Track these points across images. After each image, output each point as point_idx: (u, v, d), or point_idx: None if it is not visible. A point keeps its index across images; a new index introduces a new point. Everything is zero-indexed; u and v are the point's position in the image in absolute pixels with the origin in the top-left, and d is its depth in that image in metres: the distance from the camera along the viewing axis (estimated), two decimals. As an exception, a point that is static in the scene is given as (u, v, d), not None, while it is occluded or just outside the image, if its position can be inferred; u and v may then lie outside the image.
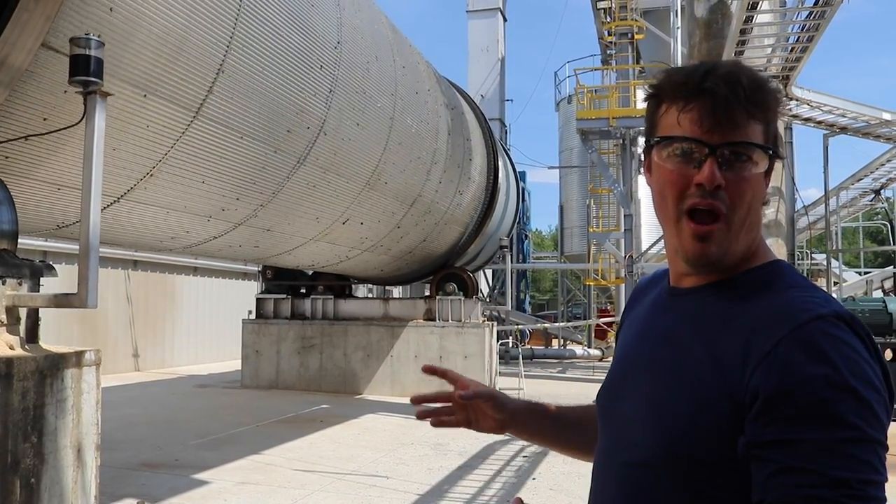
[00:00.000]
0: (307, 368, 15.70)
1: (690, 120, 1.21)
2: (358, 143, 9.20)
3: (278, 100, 7.27)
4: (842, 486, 1.00)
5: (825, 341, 1.08)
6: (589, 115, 20.06)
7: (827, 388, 1.04)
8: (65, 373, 4.27)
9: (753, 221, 1.25)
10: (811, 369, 1.06)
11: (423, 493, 7.41)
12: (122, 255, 18.22)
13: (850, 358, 1.06)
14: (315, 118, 8.01)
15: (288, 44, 7.20)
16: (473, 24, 29.81)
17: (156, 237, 7.76)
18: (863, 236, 27.08)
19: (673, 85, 1.26)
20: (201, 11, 5.85)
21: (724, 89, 1.19)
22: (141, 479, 7.77)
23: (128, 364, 19.04)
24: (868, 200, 20.87)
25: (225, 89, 6.40)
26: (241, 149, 7.09)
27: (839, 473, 1.00)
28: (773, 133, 1.25)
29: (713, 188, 1.19)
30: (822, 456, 1.01)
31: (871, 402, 1.05)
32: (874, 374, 1.07)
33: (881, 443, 1.04)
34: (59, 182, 5.58)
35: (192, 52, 5.89)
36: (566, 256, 30.13)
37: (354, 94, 8.80)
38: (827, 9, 9.13)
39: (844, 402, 1.03)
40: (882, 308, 12.53)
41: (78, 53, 4.22)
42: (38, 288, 4.57)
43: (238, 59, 6.44)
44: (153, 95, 5.67)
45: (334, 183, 9.13)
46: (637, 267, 19.45)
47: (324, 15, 7.98)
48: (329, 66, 8.08)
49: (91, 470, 4.50)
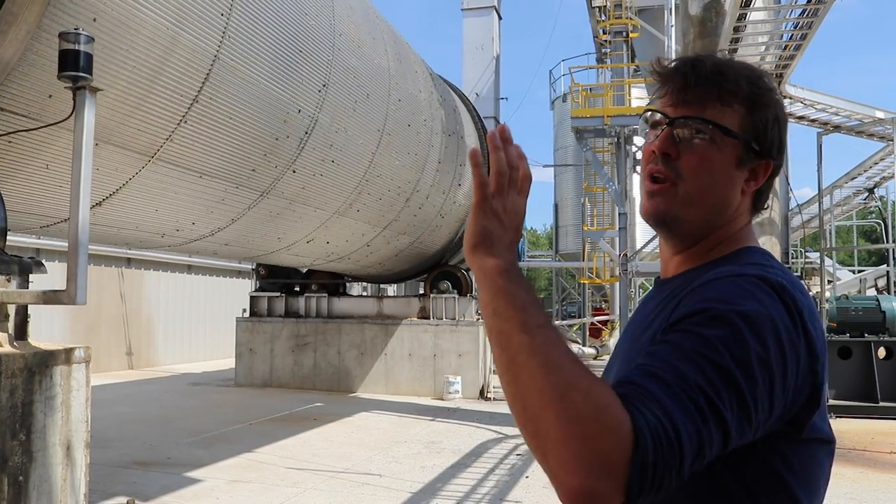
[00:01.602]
0: (301, 366, 15.67)
1: (662, 97, 1.33)
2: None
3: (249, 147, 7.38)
4: (683, 380, 1.02)
5: (732, 287, 1.14)
6: (584, 114, 20.04)
7: (715, 318, 1.09)
8: (54, 370, 4.25)
9: (715, 202, 1.30)
10: (711, 297, 1.13)
11: (415, 492, 7.39)
12: (116, 252, 18.17)
13: (751, 309, 1.09)
14: (286, 160, 8.07)
15: (266, 93, 7.21)
16: (468, 21, 29.77)
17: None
18: (856, 235, 27.12)
19: (661, 70, 1.36)
20: (169, 68, 5.87)
21: (688, 68, 1.30)
22: (132, 478, 7.74)
23: (121, 362, 18.98)
24: (862, 199, 20.92)
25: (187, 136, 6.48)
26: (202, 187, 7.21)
27: (689, 372, 1.03)
28: (757, 125, 1.29)
29: (661, 155, 1.30)
30: (678, 353, 1.06)
31: (749, 349, 1.06)
32: (771, 332, 1.09)
33: (738, 386, 1.03)
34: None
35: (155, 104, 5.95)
36: (561, 255, 30.16)
37: (335, 134, 8.77)
38: (820, 7, 9.14)
39: (722, 331, 1.07)
40: (875, 306, 12.55)
41: (67, 48, 4.19)
42: (28, 285, 4.54)
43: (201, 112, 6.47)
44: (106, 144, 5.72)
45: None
46: (632, 265, 19.46)
47: (312, 61, 7.92)
48: (310, 109, 8.07)
49: (81, 468, 4.48)
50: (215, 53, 6.27)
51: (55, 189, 5.70)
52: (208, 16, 6.12)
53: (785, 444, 1.17)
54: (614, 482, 0.95)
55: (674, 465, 0.98)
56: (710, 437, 1.01)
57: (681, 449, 0.98)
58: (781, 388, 1.09)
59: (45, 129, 4.96)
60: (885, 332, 12.17)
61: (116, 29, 5.16)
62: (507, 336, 1.05)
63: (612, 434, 0.96)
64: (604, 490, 0.95)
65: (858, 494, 7.23)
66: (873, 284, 20.84)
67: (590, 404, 0.97)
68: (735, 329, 1.07)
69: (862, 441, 9.74)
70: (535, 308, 1.07)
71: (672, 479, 0.99)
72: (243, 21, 6.59)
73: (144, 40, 5.47)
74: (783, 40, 10.74)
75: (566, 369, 1.00)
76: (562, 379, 0.99)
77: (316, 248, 10.91)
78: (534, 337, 1.03)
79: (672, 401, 1.01)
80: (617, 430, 0.96)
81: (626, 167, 20.64)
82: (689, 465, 1.00)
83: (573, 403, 0.97)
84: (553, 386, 0.99)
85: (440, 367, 14.80)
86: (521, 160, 1.17)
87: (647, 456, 0.96)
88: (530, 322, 1.05)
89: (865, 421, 11.05)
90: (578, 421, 0.96)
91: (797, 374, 1.11)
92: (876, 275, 21.58)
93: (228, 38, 6.39)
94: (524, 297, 1.08)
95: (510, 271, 1.10)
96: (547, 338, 1.03)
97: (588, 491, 0.95)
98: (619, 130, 20.26)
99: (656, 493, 0.99)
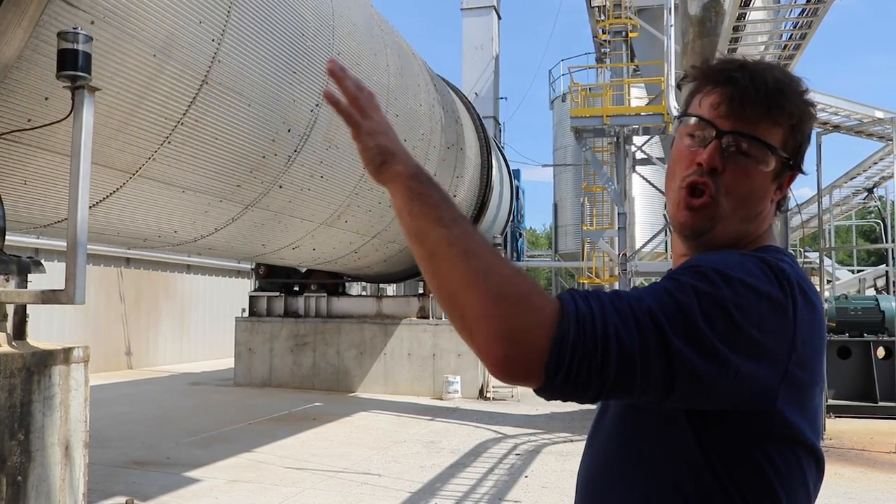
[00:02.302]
0: (300, 366, 15.67)
1: (710, 103, 1.27)
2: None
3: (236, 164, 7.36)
4: (638, 301, 1.06)
5: (728, 257, 1.16)
6: (583, 114, 20.03)
7: (697, 271, 1.11)
8: (52, 369, 4.24)
9: (748, 216, 1.27)
10: (702, 258, 1.17)
11: (415, 491, 7.39)
12: (115, 252, 18.16)
13: (738, 276, 1.10)
14: (273, 175, 8.04)
15: (256, 114, 7.15)
16: (468, 21, 29.77)
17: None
18: (856, 235, 27.12)
19: (709, 70, 1.31)
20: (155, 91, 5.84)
21: (747, 82, 1.23)
22: (131, 477, 7.73)
23: (120, 362, 18.97)
24: (861, 199, 20.91)
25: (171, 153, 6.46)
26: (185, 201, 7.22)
27: (647, 297, 1.07)
28: (795, 142, 1.27)
29: (709, 169, 1.25)
30: (647, 288, 1.10)
31: (723, 301, 1.07)
32: (754, 302, 1.09)
33: (695, 323, 1.04)
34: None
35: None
36: (560, 255, 30.14)
37: (325, 151, 8.71)
38: (819, 6, 9.13)
39: (700, 281, 1.09)
40: (874, 306, 12.56)
41: (65, 48, 4.18)
42: (26, 284, 4.53)
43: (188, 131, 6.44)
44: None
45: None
46: (631, 265, 19.44)
47: (307, 81, 7.82)
48: (300, 128, 8.02)
49: (79, 467, 4.47)
50: (204, 76, 6.17)
51: (35, 202, 5.73)
52: (200, 41, 6.00)
53: (766, 441, 1.14)
54: (533, 357, 1.00)
55: (594, 358, 1.01)
56: (647, 353, 1.01)
57: (605, 344, 1.01)
58: (747, 355, 1.07)
59: (23, 147, 4.97)
60: (884, 331, 12.17)
61: (99, 58, 5.06)
62: (425, 232, 1.10)
63: (533, 314, 1.01)
64: (524, 362, 1.01)
65: (857, 494, 7.23)
66: (872, 284, 20.84)
67: (511, 286, 1.03)
68: (712, 282, 1.08)
69: (861, 441, 9.75)
70: (449, 204, 1.12)
71: (593, 375, 1.01)
72: (236, 43, 6.47)
73: (131, 66, 5.39)
74: (783, 40, 10.74)
75: (486, 256, 1.06)
76: (482, 263, 1.05)
77: (302, 253, 10.99)
78: (451, 229, 1.08)
79: (613, 308, 1.04)
80: (538, 310, 1.02)
81: (626, 167, 20.62)
82: (613, 369, 1.01)
83: (495, 283, 1.03)
84: (475, 270, 1.04)
85: (439, 366, 14.80)
86: (359, 82, 1.24)
87: (566, 337, 1.00)
88: (445, 216, 1.09)
89: (864, 421, 11.05)
90: (501, 298, 1.02)
91: (770, 355, 1.09)
92: (875, 275, 21.59)
93: (218, 62, 6.28)
94: (437, 195, 1.13)
95: (419, 174, 1.16)
96: (464, 229, 1.09)
97: (509, 362, 1.01)
98: (618, 130, 20.23)
99: (577, 388, 1.02)
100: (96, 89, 4.37)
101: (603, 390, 1.02)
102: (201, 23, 5.98)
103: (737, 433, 1.13)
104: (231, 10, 6.34)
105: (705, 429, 1.14)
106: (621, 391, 1.03)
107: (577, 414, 12.30)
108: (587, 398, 1.04)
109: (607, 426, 1.32)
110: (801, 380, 1.13)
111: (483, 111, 22.23)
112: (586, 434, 1.47)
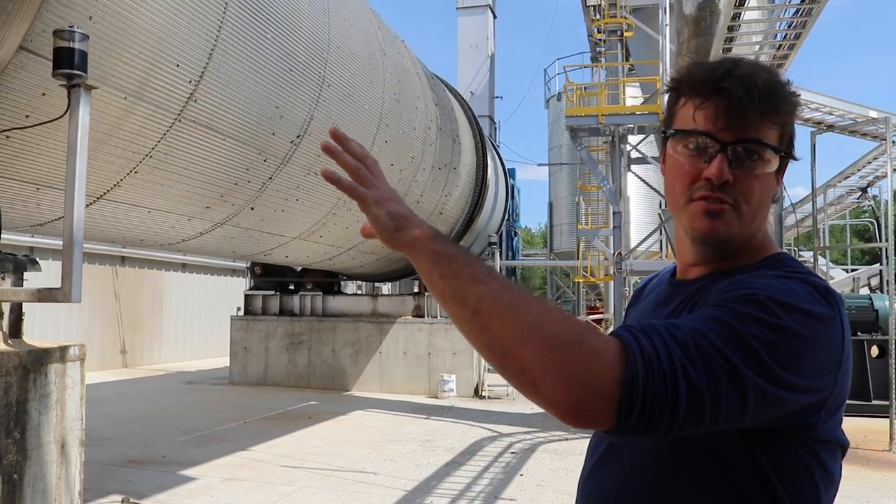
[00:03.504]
0: (295, 365, 15.67)
1: (705, 116, 1.25)
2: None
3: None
4: (699, 333, 1.05)
5: (780, 283, 1.16)
6: (578, 113, 20.04)
7: (753, 300, 1.11)
8: (48, 368, 4.25)
9: (759, 216, 1.29)
10: (755, 285, 1.15)
11: (410, 490, 7.40)
12: (110, 251, 18.13)
13: (797, 309, 1.11)
14: (245, 199, 8.04)
15: (231, 149, 7.13)
16: (463, 20, 29.79)
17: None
18: (850, 234, 27.19)
19: (693, 81, 1.29)
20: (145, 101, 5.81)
21: (740, 91, 1.22)
22: (127, 476, 7.73)
23: (115, 361, 18.94)
24: (855, 198, 20.95)
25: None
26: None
27: (707, 330, 1.06)
28: (788, 135, 1.29)
29: (720, 183, 1.24)
30: (702, 317, 1.10)
31: (783, 329, 1.08)
32: (816, 331, 1.11)
33: (758, 354, 1.05)
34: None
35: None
36: (555, 253, 30.16)
37: (303, 178, 8.68)
38: (814, 6, 9.16)
39: (758, 311, 1.09)
40: (868, 305, 12.61)
41: (62, 46, 4.18)
42: (22, 282, 4.53)
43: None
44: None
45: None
46: (626, 264, 19.47)
47: (291, 116, 7.77)
48: (277, 160, 7.98)
49: (75, 466, 4.48)
50: (179, 111, 6.10)
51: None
52: (177, 80, 5.91)
53: (812, 444, 1.19)
54: (604, 400, 0.99)
55: (665, 397, 1.00)
56: (717, 388, 1.02)
57: (675, 382, 1.00)
58: (808, 376, 1.10)
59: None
60: (878, 330, 12.22)
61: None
62: (463, 291, 1.07)
63: (597, 356, 1.01)
64: (595, 406, 1.00)
65: (851, 492, 7.27)
66: (866, 283, 20.90)
67: (567, 330, 1.02)
68: (770, 311, 1.09)
69: (854, 439, 9.79)
70: (477, 260, 1.12)
71: (665, 414, 1.01)
72: (217, 81, 6.36)
73: (102, 101, 5.32)
74: (777, 40, 10.76)
75: (533, 305, 1.04)
76: (532, 312, 1.03)
77: (275, 257, 11.12)
78: (488, 284, 1.07)
79: (675, 342, 1.04)
80: (601, 352, 1.01)
81: (621, 166, 20.63)
82: (684, 406, 1.01)
83: (550, 332, 1.01)
84: (526, 321, 1.02)
85: (435, 365, 14.81)
86: (362, 149, 1.23)
87: (636, 377, 1.00)
88: (479, 273, 1.08)
89: (858, 419, 11.10)
90: (560, 345, 1.00)
91: (825, 373, 1.13)
92: (869, 274, 21.63)
93: (196, 99, 6.19)
94: (463, 254, 1.12)
95: (437, 236, 1.14)
96: (502, 282, 1.07)
97: (580, 408, 1.00)
98: (613, 129, 20.24)
99: (649, 428, 1.01)
100: (92, 87, 4.37)
101: (674, 427, 1.03)
102: (179, 66, 5.90)
103: (785, 438, 1.17)
104: (213, 52, 6.23)
105: (755, 436, 1.17)
106: (691, 425, 1.04)
107: (572, 412, 12.30)
108: (658, 435, 1.04)
109: (635, 443, 1.31)
110: (842, 388, 1.18)
111: (478, 110, 22.24)
112: (581, 433, 1.48)
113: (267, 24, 6.93)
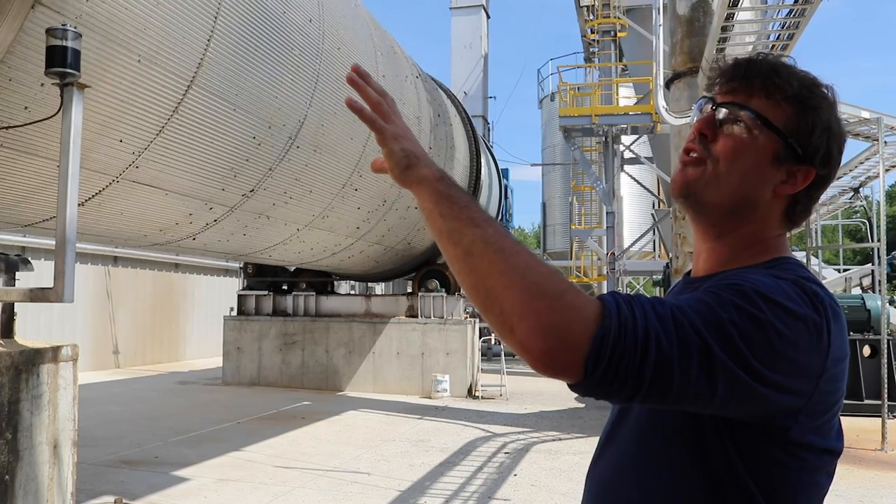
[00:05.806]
0: (289, 365, 15.64)
1: (718, 87, 1.37)
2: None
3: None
4: (680, 310, 1.07)
5: (766, 278, 1.17)
6: (571, 113, 20.11)
7: (737, 290, 1.12)
8: (41, 368, 4.23)
9: (738, 187, 1.29)
10: (741, 275, 1.19)
11: (404, 490, 7.39)
12: (103, 251, 18.06)
13: (779, 304, 1.11)
14: (224, 209, 8.05)
15: (207, 168, 7.11)
16: (457, 20, 29.82)
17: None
18: (842, 234, 27.30)
19: (724, 65, 1.38)
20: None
21: (744, 62, 1.33)
22: (120, 476, 7.70)
23: (108, 361, 18.87)
24: (847, 198, 21.03)
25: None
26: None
27: (688, 308, 1.08)
28: (805, 128, 1.27)
29: (697, 133, 1.33)
30: (685, 298, 1.12)
31: (763, 322, 1.08)
32: (791, 325, 1.11)
33: (733, 340, 1.05)
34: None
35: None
36: (549, 254, 30.17)
37: (282, 195, 8.69)
38: (807, 7, 9.18)
39: (741, 299, 1.10)
40: (860, 305, 12.66)
41: (54, 45, 4.16)
42: (14, 282, 4.51)
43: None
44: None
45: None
46: (619, 264, 19.53)
47: (272, 140, 7.73)
48: (254, 180, 7.99)
49: (68, 466, 4.46)
50: (161, 128, 6.08)
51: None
52: (161, 97, 5.90)
53: (786, 447, 1.18)
54: (574, 352, 1.02)
55: (632, 358, 1.02)
56: (687, 362, 1.03)
57: (645, 346, 1.03)
58: (783, 373, 1.09)
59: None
60: (870, 330, 12.27)
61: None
62: (459, 231, 1.12)
63: (575, 310, 1.04)
64: (564, 356, 1.03)
65: (843, 492, 7.29)
66: (858, 283, 20.97)
67: (551, 283, 1.06)
68: (753, 302, 1.10)
69: (847, 439, 9.72)
70: (477, 205, 1.16)
71: (630, 375, 1.02)
72: (199, 101, 6.34)
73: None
74: (770, 40, 10.79)
75: (523, 254, 1.09)
76: (521, 260, 1.08)
77: (256, 259, 11.17)
78: (484, 228, 1.11)
79: (655, 313, 1.06)
80: (580, 307, 1.04)
81: (614, 166, 20.71)
82: (650, 372, 1.02)
83: (535, 280, 1.05)
84: (513, 266, 1.07)
85: (428, 365, 14.81)
86: (382, 90, 1.27)
87: (607, 335, 1.02)
88: (478, 217, 1.13)
89: (850, 419, 11.13)
90: (542, 294, 1.04)
91: (804, 375, 1.13)
92: (861, 274, 21.70)
93: (179, 113, 6.17)
94: (465, 197, 1.16)
95: (444, 177, 1.20)
96: (498, 229, 1.12)
97: (551, 355, 1.03)
98: (606, 129, 20.32)
99: (613, 387, 1.04)
100: (85, 86, 4.35)
101: (638, 392, 1.04)
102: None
103: (757, 436, 1.17)
104: (190, 89, 6.23)
105: (727, 428, 1.17)
106: (656, 395, 1.05)
107: (565, 413, 12.34)
108: (621, 398, 1.06)
109: (628, 430, 1.34)
110: (827, 395, 1.18)
111: (472, 110, 22.25)
112: (574, 432, 1.49)
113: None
